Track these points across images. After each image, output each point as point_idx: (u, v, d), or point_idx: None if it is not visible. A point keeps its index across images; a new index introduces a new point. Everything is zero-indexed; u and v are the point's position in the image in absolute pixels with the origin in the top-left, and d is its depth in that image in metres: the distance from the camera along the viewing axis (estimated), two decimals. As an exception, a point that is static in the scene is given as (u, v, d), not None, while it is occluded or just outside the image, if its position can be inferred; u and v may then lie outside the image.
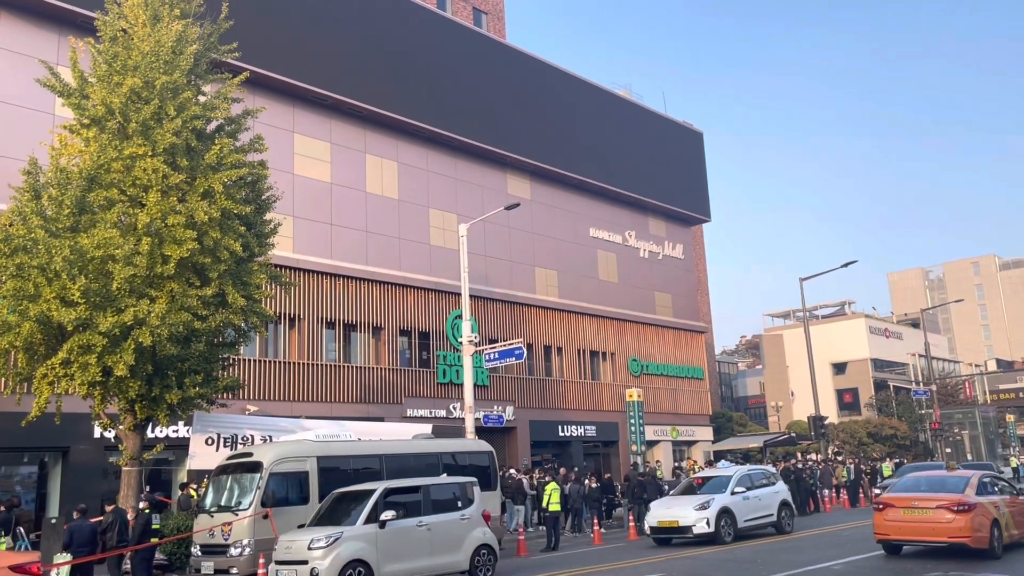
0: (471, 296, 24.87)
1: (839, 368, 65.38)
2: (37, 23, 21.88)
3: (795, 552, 15.65)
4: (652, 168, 41.58)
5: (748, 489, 18.88)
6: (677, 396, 41.16)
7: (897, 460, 37.46)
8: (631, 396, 32.64)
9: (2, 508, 15.81)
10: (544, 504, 20.18)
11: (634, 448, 31.70)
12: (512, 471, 25.02)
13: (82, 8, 20.43)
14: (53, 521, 18.41)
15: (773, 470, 22.48)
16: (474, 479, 14.91)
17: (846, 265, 35.18)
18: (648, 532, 18.54)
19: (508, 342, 25.44)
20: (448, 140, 31.98)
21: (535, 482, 24.03)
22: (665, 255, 42.59)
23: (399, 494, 13.42)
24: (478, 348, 24.37)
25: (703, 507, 17.79)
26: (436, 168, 31.83)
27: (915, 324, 73.22)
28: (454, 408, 29.46)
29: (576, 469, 28.08)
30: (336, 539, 12.14)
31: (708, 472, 21.60)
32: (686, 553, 16.35)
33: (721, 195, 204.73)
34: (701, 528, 17.53)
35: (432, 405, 29.32)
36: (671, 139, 44.13)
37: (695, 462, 38.02)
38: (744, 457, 45.29)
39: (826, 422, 37.16)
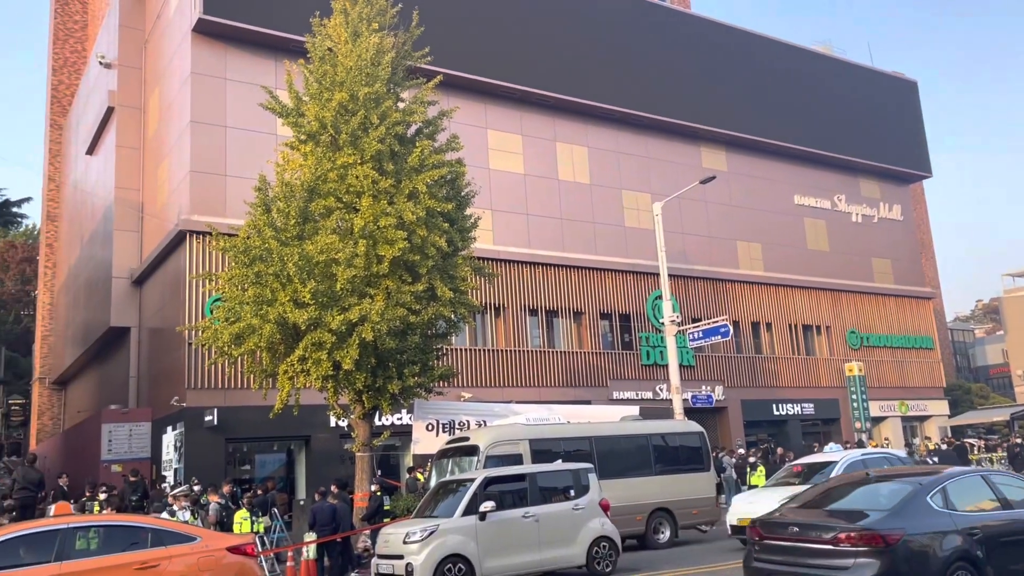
0: (670, 275, 24.44)
1: (1101, 330, 57.43)
2: (258, 53, 24.14)
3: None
4: (860, 126, 38.63)
5: None
6: (904, 368, 38.07)
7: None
8: (851, 370, 30.70)
9: (260, 491, 17.72)
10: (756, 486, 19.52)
11: (858, 425, 29.81)
12: (741, 450, 24.40)
13: (293, 34, 22.27)
14: (301, 503, 20.38)
15: (901, 454, 18.30)
16: (589, 465, 13.88)
17: (1104, 212, 30.73)
18: (729, 532, 15.49)
19: (712, 320, 24.76)
20: (637, 119, 31.58)
21: (737, 462, 23.36)
22: (881, 218, 39.46)
23: (502, 483, 12.59)
24: (681, 328, 23.93)
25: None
26: (626, 149, 31.54)
27: None
28: (660, 390, 29.14)
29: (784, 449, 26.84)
30: (432, 532, 11.58)
31: (811, 458, 17.82)
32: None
33: (944, 148, 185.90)
34: None
35: (637, 387, 29.19)
36: (880, 93, 40.71)
37: (929, 439, 35.09)
38: (988, 431, 41.22)
39: (1088, 392, 32.78)
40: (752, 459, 23.71)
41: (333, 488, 15.86)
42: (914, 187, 45.48)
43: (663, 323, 23.62)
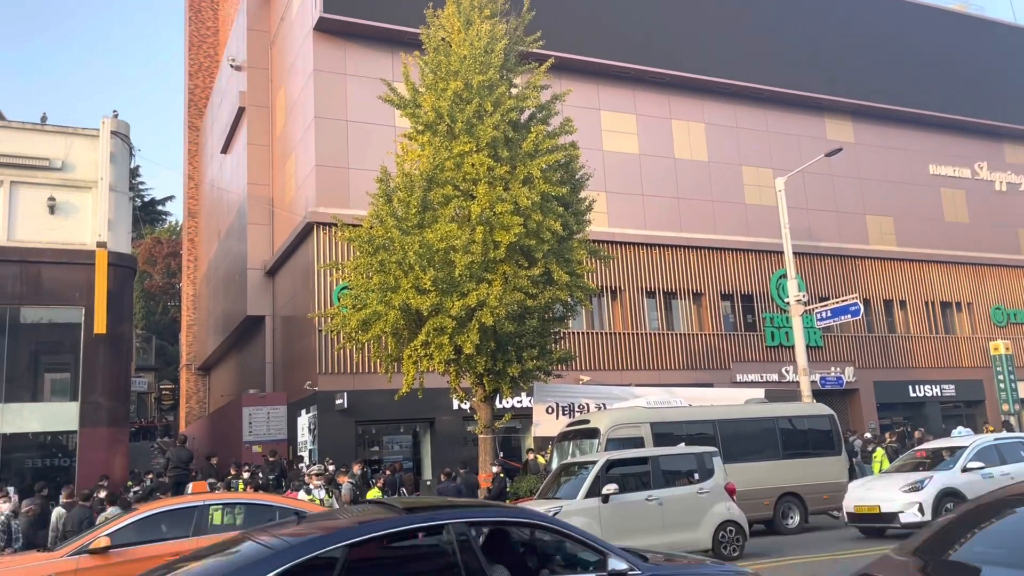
0: (795, 253, 23.59)
1: None
2: (375, 47, 24.85)
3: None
4: (1003, 87, 35.83)
5: (992, 465, 14.02)
6: (1058, 347, 35.23)
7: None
8: (997, 349, 28.77)
9: (388, 472, 18.43)
10: (876, 471, 18.62)
11: (1005, 407, 27.93)
12: (867, 434, 23.39)
13: (409, 27, 22.79)
14: (428, 483, 21.03)
15: None
16: (713, 449, 13.62)
17: None
18: (846, 520, 14.80)
19: (841, 299, 23.72)
20: (756, 92, 30.50)
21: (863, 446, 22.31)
22: (1029, 185, 36.57)
23: (624, 466, 12.60)
24: (808, 307, 23.08)
25: (914, 488, 13.62)
26: (745, 123, 30.55)
27: None
28: (786, 372, 28.22)
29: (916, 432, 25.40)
30: (555, 514, 11.49)
31: (937, 443, 16.63)
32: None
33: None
34: (911, 516, 13.33)
35: (762, 369, 28.37)
36: (1026, 49, 37.61)
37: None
38: None
39: None
40: (872, 444, 22.61)
41: (461, 470, 16.32)
42: (1068, 150, 41.79)
43: (788, 303, 22.86)
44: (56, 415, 19.52)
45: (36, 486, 15.87)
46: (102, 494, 15.37)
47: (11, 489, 16.12)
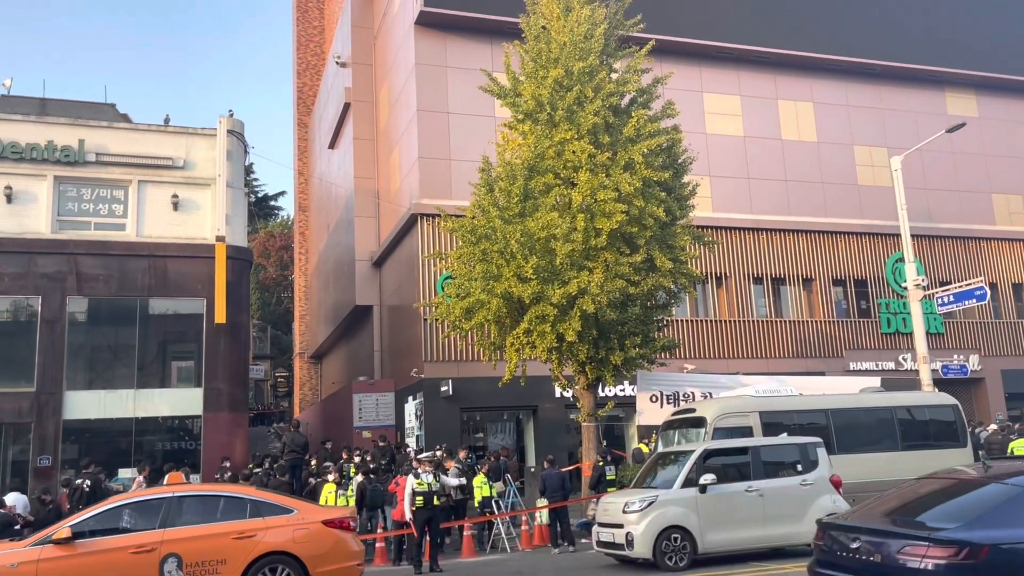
0: (913, 235, 22.39)
1: None
2: (475, 39, 25.05)
3: None
4: None
5: None
6: None
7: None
8: None
9: (492, 459, 18.66)
10: None
11: None
12: (993, 425, 22.05)
13: (508, 16, 22.86)
14: (532, 470, 21.19)
15: None
16: (818, 439, 13.10)
17: None
18: None
19: (965, 283, 22.40)
20: (868, 68, 29.09)
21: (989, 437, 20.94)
22: None
23: (723, 455, 12.40)
24: (927, 292, 21.92)
25: None
26: (857, 101, 29.20)
27: None
28: (904, 359, 26.93)
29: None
30: (651, 503, 11.59)
31: None
32: None
33: None
34: None
35: (877, 357, 27.16)
36: None
37: None
38: None
39: None
40: (1001, 435, 21.18)
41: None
42: None
43: (905, 288, 21.77)
44: (182, 400, 20.75)
45: (165, 467, 16.91)
46: (227, 475, 16.23)
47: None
